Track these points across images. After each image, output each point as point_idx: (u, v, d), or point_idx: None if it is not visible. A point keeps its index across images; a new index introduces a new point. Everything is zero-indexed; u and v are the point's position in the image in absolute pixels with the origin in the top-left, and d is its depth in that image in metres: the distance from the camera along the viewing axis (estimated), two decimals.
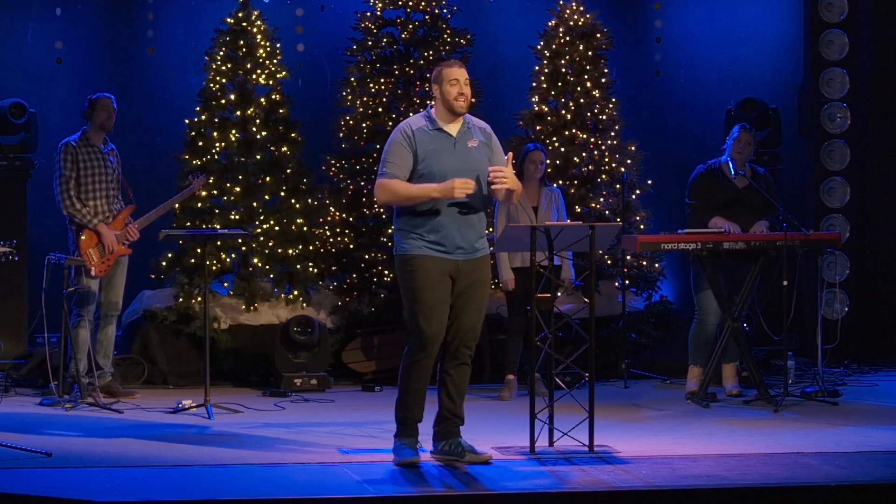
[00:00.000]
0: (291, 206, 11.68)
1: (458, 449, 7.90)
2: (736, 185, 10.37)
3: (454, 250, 7.83)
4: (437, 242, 7.81)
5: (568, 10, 12.20)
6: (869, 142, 12.94)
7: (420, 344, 7.83)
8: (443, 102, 7.92)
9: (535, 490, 7.24)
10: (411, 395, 7.87)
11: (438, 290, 7.81)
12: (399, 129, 7.92)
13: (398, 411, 7.93)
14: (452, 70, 7.94)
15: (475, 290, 7.93)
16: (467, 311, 7.90)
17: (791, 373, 10.53)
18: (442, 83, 7.91)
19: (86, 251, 10.38)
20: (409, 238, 7.84)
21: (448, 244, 7.82)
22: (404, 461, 7.79)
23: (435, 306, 7.80)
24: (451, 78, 7.90)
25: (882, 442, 8.54)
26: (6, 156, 11.63)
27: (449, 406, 7.94)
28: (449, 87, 7.89)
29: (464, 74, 7.93)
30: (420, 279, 7.79)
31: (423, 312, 7.80)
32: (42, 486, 7.13)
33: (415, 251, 7.82)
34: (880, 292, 12.96)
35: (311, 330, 11.11)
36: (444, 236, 7.81)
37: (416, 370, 7.85)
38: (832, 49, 12.59)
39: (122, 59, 12.81)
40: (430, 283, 7.79)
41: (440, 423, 7.98)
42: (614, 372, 11.48)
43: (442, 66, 8.01)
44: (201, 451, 8.32)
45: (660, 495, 7.24)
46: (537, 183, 10.71)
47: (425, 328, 7.80)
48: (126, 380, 11.11)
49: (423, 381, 7.88)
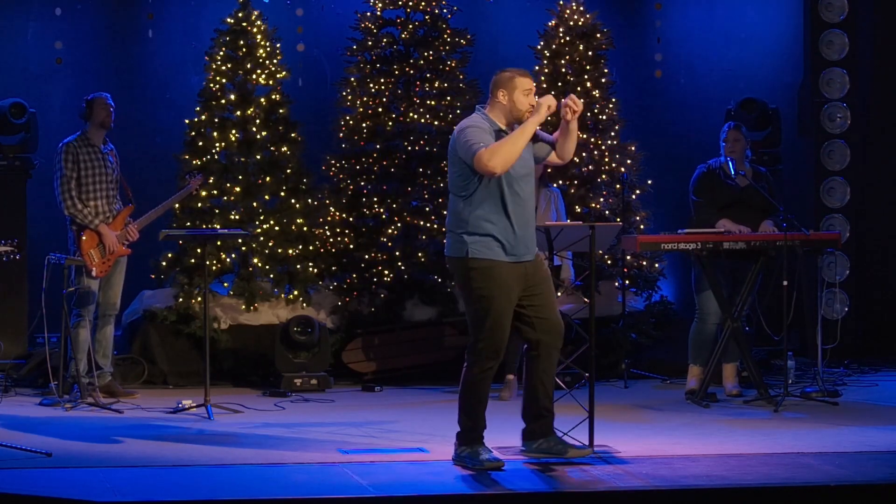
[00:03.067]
0: (291, 206, 11.68)
1: (559, 445, 7.87)
2: (737, 184, 10.37)
3: (522, 253, 7.73)
4: (508, 246, 7.67)
5: (568, 10, 12.20)
6: (869, 142, 12.94)
7: (494, 352, 7.73)
8: (510, 109, 7.78)
9: (535, 490, 7.24)
10: (482, 405, 7.82)
11: (511, 297, 7.71)
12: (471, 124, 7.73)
13: (468, 421, 7.81)
14: (527, 80, 7.81)
15: (547, 285, 7.83)
16: (548, 307, 7.80)
17: (791, 373, 10.53)
18: (514, 91, 7.77)
19: (87, 251, 10.38)
20: (479, 241, 7.67)
21: (517, 247, 7.70)
22: (493, 464, 7.68)
23: (508, 313, 7.70)
24: (525, 88, 7.78)
25: (882, 442, 8.54)
26: (6, 156, 11.64)
27: (546, 404, 7.88)
28: (522, 97, 7.77)
29: (534, 86, 7.85)
30: (496, 287, 7.66)
31: (499, 321, 7.68)
32: (42, 486, 7.13)
33: (490, 256, 7.67)
34: (880, 292, 12.95)
35: (311, 330, 11.11)
36: (514, 238, 7.68)
37: (485, 379, 7.78)
38: (832, 49, 12.59)
39: (122, 59, 12.81)
40: (504, 290, 7.67)
41: (535, 421, 7.91)
42: (614, 372, 11.48)
43: (514, 72, 7.85)
44: (201, 451, 8.32)
45: (660, 495, 7.24)
46: (536, 183, 10.68)
47: (501, 336, 7.71)
48: (126, 380, 11.11)
49: (488, 388, 7.83)
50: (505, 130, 7.79)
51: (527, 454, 7.93)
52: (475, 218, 7.69)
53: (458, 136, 7.77)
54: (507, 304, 7.70)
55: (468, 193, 7.73)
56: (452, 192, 7.83)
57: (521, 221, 7.73)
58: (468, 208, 7.72)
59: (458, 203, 7.78)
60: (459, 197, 7.77)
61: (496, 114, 7.83)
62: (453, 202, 7.81)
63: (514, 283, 7.71)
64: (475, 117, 7.85)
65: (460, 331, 11.70)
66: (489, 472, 7.62)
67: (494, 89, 7.85)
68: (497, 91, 7.83)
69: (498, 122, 7.81)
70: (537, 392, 7.88)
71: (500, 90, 7.81)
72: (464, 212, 7.73)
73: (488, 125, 7.77)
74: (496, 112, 7.83)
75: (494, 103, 7.84)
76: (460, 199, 7.76)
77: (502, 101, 7.80)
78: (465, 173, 7.73)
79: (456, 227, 7.76)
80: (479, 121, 7.80)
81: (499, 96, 7.81)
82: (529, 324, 7.81)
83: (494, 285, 7.66)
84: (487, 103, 7.90)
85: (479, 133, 7.68)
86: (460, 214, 7.74)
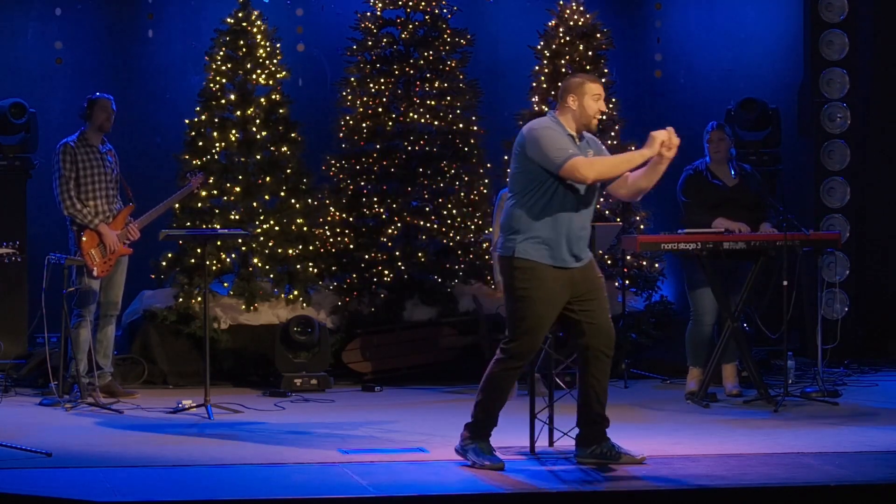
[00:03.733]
0: (291, 206, 11.68)
1: (612, 451, 7.84)
2: (725, 184, 10.38)
3: (570, 258, 7.70)
4: (556, 250, 7.65)
5: (568, 10, 12.20)
6: (869, 142, 12.94)
7: (524, 354, 7.73)
8: (580, 114, 7.75)
9: (535, 490, 7.24)
10: (500, 401, 7.81)
11: (554, 303, 7.69)
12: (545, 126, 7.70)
13: (481, 414, 7.80)
14: (596, 85, 7.78)
15: (599, 291, 7.80)
16: (599, 312, 7.78)
17: (791, 373, 10.53)
18: (584, 96, 7.73)
19: (87, 251, 10.38)
20: (527, 242, 7.65)
21: (565, 252, 7.67)
22: (494, 465, 7.68)
23: (547, 319, 7.70)
24: (594, 93, 7.74)
25: (882, 442, 8.54)
26: (6, 156, 11.64)
27: (598, 409, 7.86)
28: (592, 102, 7.74)
29: (603, 91, 7.82)
30: (537, 290, 7.64)
31: (535, 325, 7.67)
32: (42, 486, 7.13)
33: (535, 258, 7.65)
34: (880, 292, 12.95)
35: (311, 330, 11.11)
36: (563, 243, 7.65)
37: (510, 377, 7.78)
38: (832, 49, 12.59)
39: (122, 59, 12.81)
40: (547, 294, 7.65)
41: (589, 427, 7.89)
42: (614, 372, 11.41)
43: (584, 78, 7.84)
44: (201, 451, 8.32)
45: (660, 495, 7.25)
46: None
47: (534, 339, 7.71)
48: (126, 380, 11.11)
49: (510, 388, 7.84)
50: (574, 136, 7.76)
51: (580, 460, 7.90)
52: (528, 220, 7.68)
53: (531, 137, 7.70)
54: (547, 307, 7.68)
55: (527, 194, 7.71)
56: (512, 191, 7.81)
57: (574, 229, 7.69)
58: (524, 209, 7.70)
59: (514, 203, 7.77)
60: (517, 196, 7.76)
61: (566, 118, 7.79)
62: (509, 202, 7.81)
63: (559, 289, 7.68)
64: (547, 121, 7.81)
65: (460, 331, 11.71)
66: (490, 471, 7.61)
67: (564, 94, 7.81)
68: (567, 96, 7.78)
69: (568, 126, 7.77)
70: (589, 398, 7.87)
71: (569, 95, 7.78)
72: (518, 212, 7.72)
73: (560, 129, 7.76)
74: (566, 117, 7.79)
75: (564, 108, 7.80)
76: (517, 198, 7.76)
77: (572, 106, 7.77)
78: (529, 173, 7.70)
79: (508, 226, 7.77)
80: (552, 124, 7.77)
81: (568, 101, 7.77)
82: (580, 329, 7.81)
83: (536, 287, 7.65)
84: (557, 107, 7.87)
85: (562, 138, 7.68)
86: (515, 214, 7.74)
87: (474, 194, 12.03)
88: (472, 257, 12.00)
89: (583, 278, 7.76)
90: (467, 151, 12.04)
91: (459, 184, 12.03)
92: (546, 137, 7.65)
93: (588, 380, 7.84)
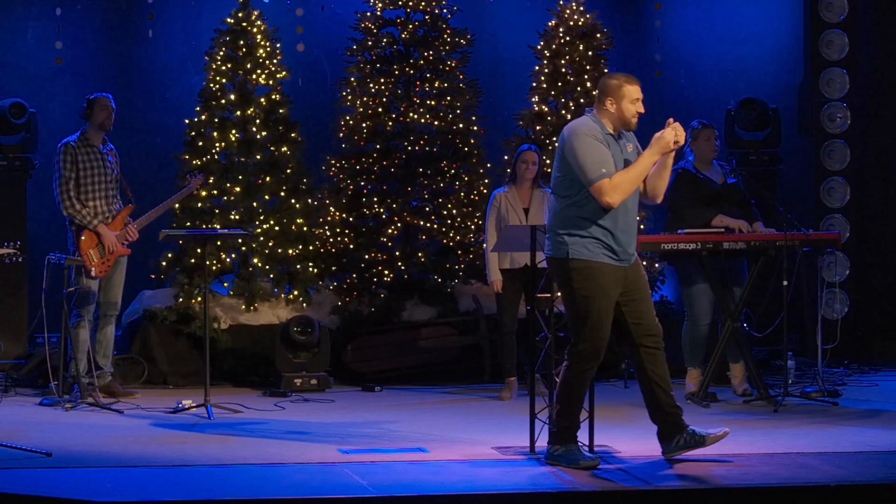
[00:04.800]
0: (291, 206, 11.69)
1: (695, 437, 7.85)
2: (715, 182, 10.38)
3: (623, 256, 7.75)
4: (611, 249, 7.70)
5: (568, 10, 12.20)
6: (869, 142, 12.94)
7: (595, 352, 7.75)
8: (618, 117, 7.77)
9: (535, 490, 7.24)
10: (579, 402, 7.84)
11: (611, 298, 7.73)
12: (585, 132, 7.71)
13: (563, 420, 7.82)
14: (635, 87, 7.79)
15: (644, 289, 7.86)
16: (644, 311, 7.83)
17: (791, 373, 10.53)
18: (622, 99, 7.75)
19: (86, 252, 10.38)
20: (582, 242, 7.69)
21: (620, 250, 7.73)
22: (589, 463, 7.72)
23: (609, 313, 7.73)
24: (633, 97, 7.76)
25: (882, 442, 8.54)
26: (6, 156, 11.64)
27: (668, 400, 7.88)
28: (629, 105, 7.76)
29: (641, 92, 7.83)
30: (596, 287, 7.69)
31: (600, 320, 7.70)
32: (42, 486, 7.13)
33: (592, 257, 7.69)
34: (880, 292, 12.95)
35: (311, 330, 11.11)
36: (617, 241, 7.70)
37: (585, 378, 7.81)
38: (832, 49, 12.59)
39: (122, 59, 12.82)
40: (605, 290, 7.69)
41: (666, 421, 7.91)
42: (614, 372, 11.48)
43: (623, 80, 7.83)
44: (201, 451, 8.32)
45: (660, 495, 7.25)
46: (529, 183, 10.69)
47: (602, 336, 7.73)
48: (126, 380, 11.11)
49: (586, 388, 7.87)
50: (613, 135, 7.79)
51: (669, 455, 7.90)
52: (578, 219, 7.71)
53: (569, 143, 7.73)
54: (607, 304, 7.72)
55: (573, 195, 7.74)
56: (556, 193, 7.83)
57: (623, 226, 7.73)
58: (571, 209, 7.73)
59: (561, 204, 7.79)
60: (563, 198, 7.78)
61: (605, 119, 7.81)
62: (556, 203, 7.83)
63: (613, 285, 7.73)
64: (587, 121, 7.83)
65: (460, 331, 11.71)
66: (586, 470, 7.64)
67: (602, 96, 7.82)
68: (605, 99, 7.80)
69: (607, 126, 7.80)
70: (655, 394, 7.89)
71: (607, 98, 7.79)
72: (567, 213, 7.75)
73: (599, 130, 7.76)
74: (605, 117, 7.81)
75: (602, 109, 7.81)
76: (564, 200, 7.78)
77: (610, 108, 7.79)
78: (571, 177, 7.74)
79: (557, 227, 7.78)
80: (591, 126, 7.78)
81: (606, 104, 7.79)
82: (626, 330, 7.85)
83: (594, 285, 7.68)
84: (595, 107, 7.87)
85: (597, 149, 7.68)
86: (562, 215, 7.77)
87: (474, 194, 12.03)
88: (472, 257, 12.00)
89: (633, 276, 7.82)
90: (467, 151, 12.04)
91: (459, 184, 12.03)
92: (583, 148, 7.68)
93: (648, 376, 7.88)
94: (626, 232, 7.77)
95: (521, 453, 8.14)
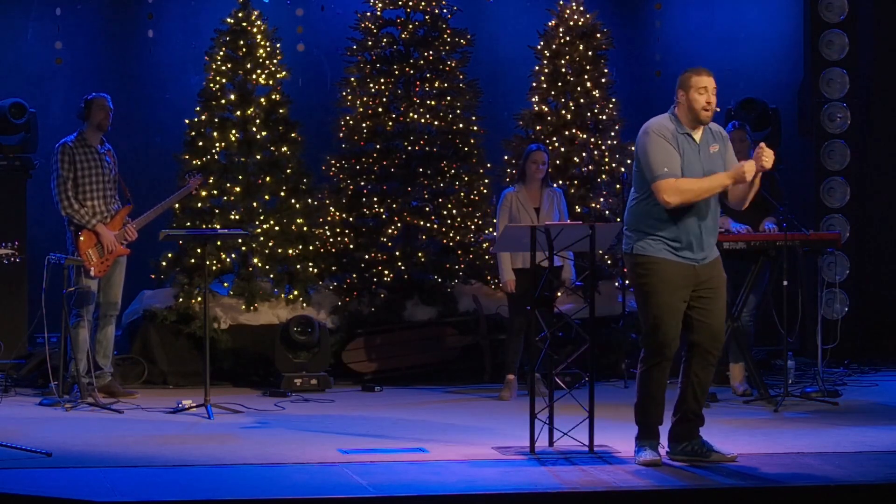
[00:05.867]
0: (291, 206, 11.68)
1: (703, 449, 7.88)
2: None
3: (694, 254, 7.75)
4: (678, 247, 7.72)
5: (568, 10, 12.20)
6: (869, 142, 12.94)
7: (656, 348, 7.77)
8: (688, 109, 7.80)
9: (535, 490, 7.24)
10: (651, 399, 7.84)
11: (677, 295, 7.73)
12: (655, 131, 7.77)
13: (639, 416, 7.88)
14: (702, 78, 7.80)
15: (718, 290, 7.83)
16: (713, 312, 7.81)
17: (791, 373, 10.53)
18: (689, 90, 7.78)
19: (85, 251, 10.38)
20: (647, 239, 7.74)
21: (689, 249, 7.73)
22: (646, 460, 7.76)
23: (672, 310, 7.73)
24: (700, 86, 7.77)
25: (882, 442, 8.54)
26: (6, 156, 11.64)
27: (693, 407, 7.89)
28: (697, 96, 7.77)
29: (712, 83, 7.81)
30: (659, 283, 7.71)
31: (661, 316, 7.72)
32: (42, 486, 7.13)
33: (654, 253, 7.73)
34: (880, 292, 12.95)
35: (311, 330, 11.11)
36: (687, 240, 7.72)
37: (655, 374, 7.81)
38: (832, 49, 12.59)
39: (122, 60, 12.82)
40: (669, 287, 7.71)
41: (681, 423, 7.92)
42: (614, 372, 11.48)
43: (690, 72, 7.86)
44: (201, 451, 8.32)
45: (660, 495, 7.25)
46: (539, 183, 10.70)
47: (663, 331, 7.73)
48: (126, 380, 11.10)
49: (661, 384, 7.85)
50: (689, 133, 7.81)
51: (672, 457, 7.93)
52: (645, 216, 7.77)
53: (641, 140, 7.80)
54: (670, 300, 7.72)
55: (642, 192, 7.80)
56: (636, 189, 7.89)
57: (694, 223, 7.73)
58: (640, 206, 7.80)
59: (635, 199, 7.88)
60: (636, 195, 7.88)
61: (682, 113, 7.86)
62: (630, 199, 7.91)
63: (680, 282, 7.73)
64: (660, 119, 7.88)
65: (460, 331, 11.71)
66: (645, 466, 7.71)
67: (677, 89, 7.88)
68: (678, 91, 7.85)
69: (684, 122, 7.82)
70: (687, 394, 7.91)
71: (679, 90, 7.84)
72: (636, 209, 7.83)
73: (673, 128, 7.80)
74: (682, 112, 7.86)
75: (678, 104, 7.88)
76: (636, 196, 7.87)
77: (681, 100, 7.83)
78: (641, 174, 7.82)
79: (628, 223, 7.88)
80: (665, 124, 7.83)
81: (679, 96, 7.84)
82: (690, 325, 7.84)
83: (657, 280, 7.71)
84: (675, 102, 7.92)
85: (662, 148, 7.73)
86: (633, 211, 7.86)
87: (474, 194, 12.03)
88: (472, 257, 12.00)
89: (707, 275, 7.80)
90: (467, 151, 12.04)
91: (459, 184, 12.03)
92: (651, 146, 7.75)
93: (690, 376, 7.88)
94: (698, 229, 7.74)
95: (521, 453, 8.14)
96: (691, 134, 7.82)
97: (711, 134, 7.89)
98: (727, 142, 7.97)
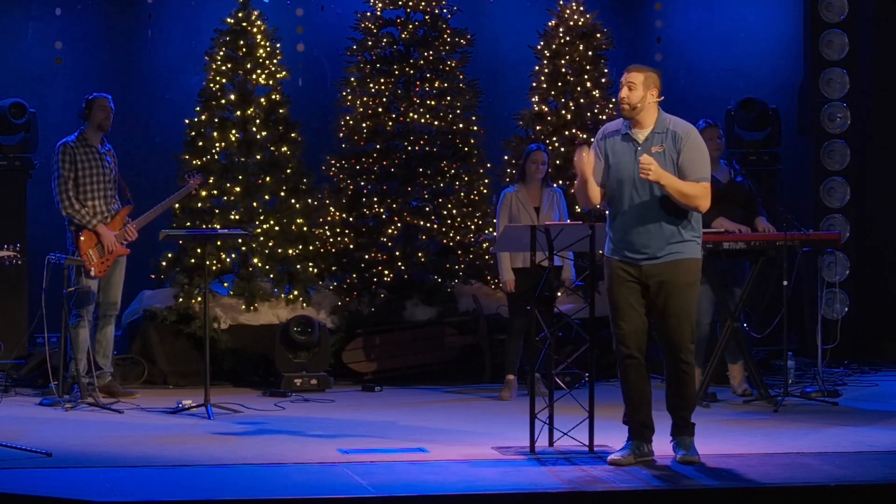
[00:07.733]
0: (291, 206, 11.68)
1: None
2: (720, 182, 10.37)
3: (633, 254, 7.81)
4: (619, 246, 7.85)
5: (568, 10, 12.21)
6: (869, 142, 12.94)
7: (615, 345, 7.91)
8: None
9: (535, 490, 7.24)
10: (626, 398, 7.95)
11: (623, 292, 7.82)
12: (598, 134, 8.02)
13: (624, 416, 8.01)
14: (626, 74, 7.83)
15: (667, 296, 7.83)
16: (663, 317, 7.88)
17: (791, 373, 10.53)
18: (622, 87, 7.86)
19: (85, 251, 10.38)
20: (607, 239, 7.95)
21: (628, 247, 7.82)
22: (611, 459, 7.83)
23: (620, 306, 7.83)
24: (625, 81, 7.82)
25: (882, 442, 8.54)
26: (6, 156, 11.64)
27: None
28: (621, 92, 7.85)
29: (634, 77, 7.79)
30: (609, 280, 7.90)
31: (612, 313, 7.89)
32: (42, 486, 7.13)
33: (606, 253, 7.92)
34: (880, 292, 12.95)
35: (311, 330, 11.11)
36: (627, 239, 7.82)
37: (621, 372, 7.94)
38: (832, 49, 12.59)
39: (122, 60, 12.82)
40: (615, 284, 7.84)
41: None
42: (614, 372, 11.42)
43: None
44: (201, 451, 8.32)
45: (660, 495, 7.25)
46: (539, 183, 10.70)
47: (614, 329, 7.88)
48: (126, 380, 11.11)
49: (630, 382, 7.91)
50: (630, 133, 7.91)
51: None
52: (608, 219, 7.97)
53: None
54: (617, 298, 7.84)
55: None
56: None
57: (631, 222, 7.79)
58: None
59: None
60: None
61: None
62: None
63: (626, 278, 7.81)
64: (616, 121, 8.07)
65: (460, 331, 11.71)
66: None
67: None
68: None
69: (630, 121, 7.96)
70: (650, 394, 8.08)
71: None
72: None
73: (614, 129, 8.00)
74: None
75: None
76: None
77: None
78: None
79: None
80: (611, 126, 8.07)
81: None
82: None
83: (608, 278, 7.93)
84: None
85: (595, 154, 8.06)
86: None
87: (474, 194, 12.03)
88: (472, 257, 12.00)
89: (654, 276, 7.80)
90: (467, 151, 12.04)
91: (459, 184, 12.03)
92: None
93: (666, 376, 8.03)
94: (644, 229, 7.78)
95: (521, 453, 8.14)
96: (632, 134, 7.83)
97: (664, 135, 7.85)
98: (686, 142, 7.87)
